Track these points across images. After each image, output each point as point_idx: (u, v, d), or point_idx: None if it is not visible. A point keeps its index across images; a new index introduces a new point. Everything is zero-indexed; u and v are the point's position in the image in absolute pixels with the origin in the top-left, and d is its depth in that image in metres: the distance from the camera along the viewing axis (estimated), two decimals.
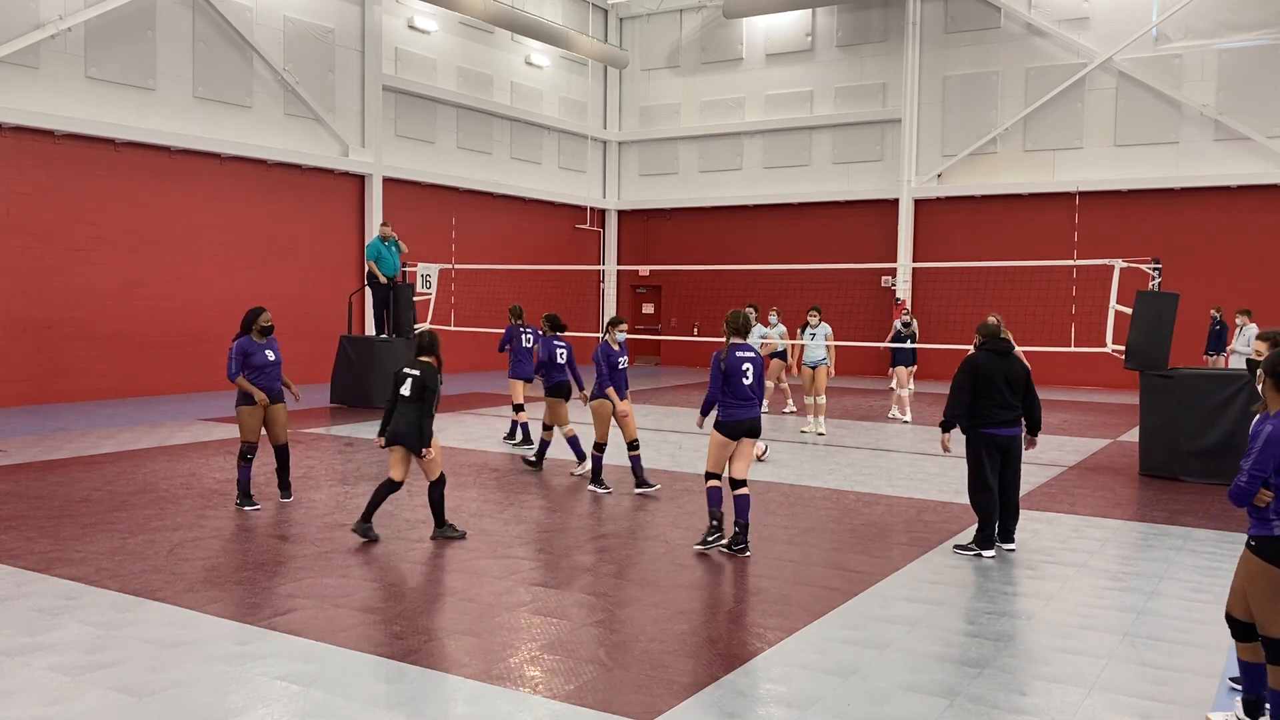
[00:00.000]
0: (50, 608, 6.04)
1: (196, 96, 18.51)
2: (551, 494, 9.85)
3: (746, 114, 27.32)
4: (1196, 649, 5.60)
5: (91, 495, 9.36)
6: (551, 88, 27.38)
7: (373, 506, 7.81)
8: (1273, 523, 4.31)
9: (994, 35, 23.82)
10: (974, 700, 4.85)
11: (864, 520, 8.85)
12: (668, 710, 4.67)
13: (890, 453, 12.90)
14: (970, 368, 7.61)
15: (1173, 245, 20.92)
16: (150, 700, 4.72)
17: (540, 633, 5.73)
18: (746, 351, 7.71)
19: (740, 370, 7.59)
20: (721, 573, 7.14)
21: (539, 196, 26.76)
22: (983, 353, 7.71)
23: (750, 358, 7.70)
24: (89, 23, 16.77)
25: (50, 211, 16.52)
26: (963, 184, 24.25)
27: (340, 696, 4.78)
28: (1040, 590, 6.76)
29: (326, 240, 21.18)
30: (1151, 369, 11.42)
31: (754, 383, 7.68)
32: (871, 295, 24.64)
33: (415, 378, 7.73)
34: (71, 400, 16.80)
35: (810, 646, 5.57)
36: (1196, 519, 9.01)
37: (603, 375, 9.70)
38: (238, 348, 8.93)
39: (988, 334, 7.88)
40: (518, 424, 13.04)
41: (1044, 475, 11.25)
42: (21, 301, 16.17)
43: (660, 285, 28.88)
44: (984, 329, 7.93)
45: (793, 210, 26.53)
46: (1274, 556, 4.31)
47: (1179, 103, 21.81)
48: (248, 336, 9.03)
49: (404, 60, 22.96)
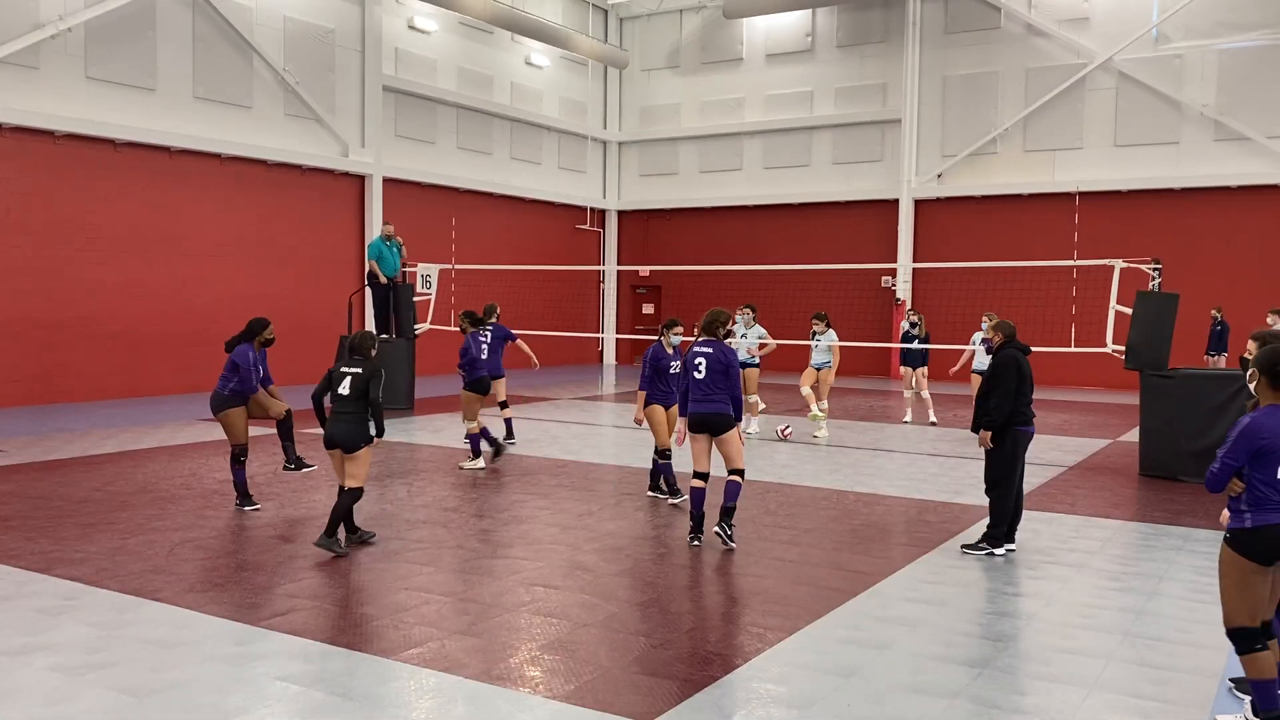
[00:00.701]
0: (50, 608, 6.04)
1: (196, 96, 18.52)
2: (551, 494, 9.85)
3: (746, 114, 27.32)
4: (1196, 649, 5.60)
5: (92, 495, 9.36)
6: (551, 88, 27.38)
7: (335, 519, 7.35)
8: (1244, 514, 4.40)
9: (994, 35, 23.83)
10: (974, 700, 4.85)
11: (864, 520, 8.85)
12: (668, 710, 4.67)
13: (890, 453, 12.90)
14: (1015, 365, 7.57)
15: (1173, 245, 20.91)
16: (150, 700, 4.71)
17: (540, 633, 5.73)
18: (705, 348, 7.82)
19: (693, 365, 7.79)
20: (721, 573, 7.14)
21: (539, 197, 26.76)
22: (1014, 350, 7.68)
23: (705, 354, 7.78)
24: (89, 23, 16.77)
25: (50, 211, 16.52)
26: (963, 184, 24.26)
27: (340, 696, 4.78)
28: (1040, 590, 6.76)
29: (326, 240, 21.18)
30: (1151, 369, 11.42)
31: (706, 377, 7.72)
32: (871, 296, 24.65)
33: (356, 375, 7.47)
34: (71, 400, 16.80)
35: (810, 646, 5.57)
36: (1196, 519, 9.00)
37: (644, 377, 9.35)
38: (254, 357, 8.89)
39: (1010, 332, 7.82)
40: (505, 421, 13.04)
41: (1044, 475, 11.25)
42: (22, 301, 16.17)
43: (660, 285, 28.88)
44: (1005, 327, 7.84)
45: (793, 210, 26.53)
46: (1242, 547, 4.39)
47: (1179, 103, 21.81)
48: (250, 344, 8.96)
49: (404, 60, 22.97)
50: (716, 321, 7.99)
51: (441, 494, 9.73)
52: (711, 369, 7.74)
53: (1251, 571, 4.37)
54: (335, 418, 7.49)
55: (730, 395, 7.75)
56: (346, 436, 7.42)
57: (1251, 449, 4.34)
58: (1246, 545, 4.37)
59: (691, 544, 7.82)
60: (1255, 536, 4.35)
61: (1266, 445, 4.31)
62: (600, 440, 13.74)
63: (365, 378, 7.49)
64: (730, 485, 7.80)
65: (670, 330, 9.39)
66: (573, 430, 14.54)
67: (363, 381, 7.48)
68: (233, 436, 8.93)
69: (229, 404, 8.89)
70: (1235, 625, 4.42)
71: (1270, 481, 4.33)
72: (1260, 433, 4.33)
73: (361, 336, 7.74)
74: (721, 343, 7.93)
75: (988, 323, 14.07)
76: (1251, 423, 4.37)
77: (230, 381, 8.87)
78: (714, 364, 7.74)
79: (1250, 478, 4.37)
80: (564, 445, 13.05)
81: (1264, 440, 4.32)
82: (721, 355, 7.79)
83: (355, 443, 7.43)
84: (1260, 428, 4.35)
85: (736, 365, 7.83)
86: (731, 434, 7.81)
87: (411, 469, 11.11)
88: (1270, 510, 4.33)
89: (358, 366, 7.56)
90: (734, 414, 7.80)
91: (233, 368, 8.85)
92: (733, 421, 7.80)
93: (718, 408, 7.74)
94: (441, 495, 9.66)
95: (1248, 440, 4.35)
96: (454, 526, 8.36)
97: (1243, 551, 4.38)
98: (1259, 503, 4.35)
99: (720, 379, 7.73)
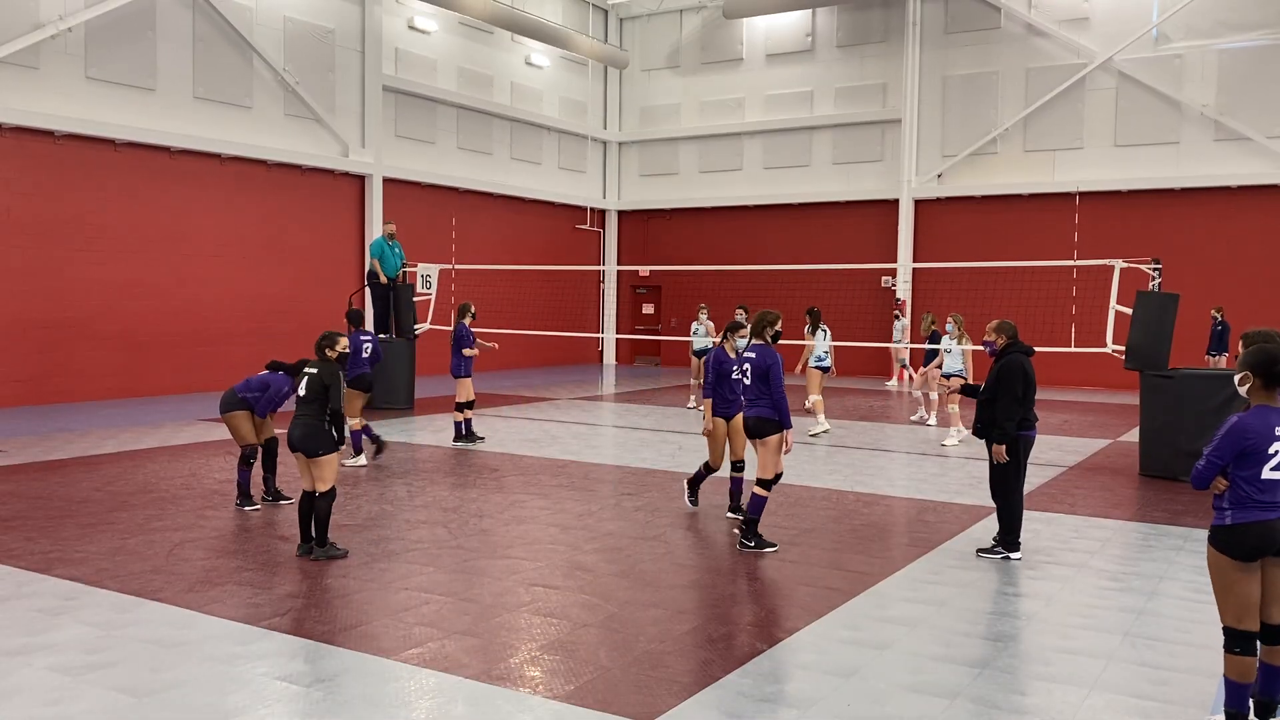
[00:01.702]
0: (50, 608, 6.04)
1: (196, 96, 18.52)
2: (551, 494, 9.85)
3: (746, 114, 27.32)
4: (1196, 649, 5.60)
5: (92, 495, 9.36)
6: (551, 88, 27.38)
7: (304, 525, 7.30)
8: (1225, 512, 4.43)
9: (994, 35, 23.82)
10: (974, 700, 4.85)
11: (864, 520, 8.85)
12: (668, 710, 4.67)
13: (890, 453, 12.90)
14: (1021, 371, 7.40)
15: (1173, 245, 20.91)
16: (150, 700, 4.71)
17: (540, 633, 5.73)
18: (750, 351, 7.81)
19: (740, 369, 7.89)
20: (721, 573, 7.14)
21: (539, 196, 26.76)
22: (1019, 355, 7.51)
23: (750, 358, 7.77)
24: (89, 23, 16.77)
25: (50, 211, 16.52)
26: (963, 184, 24.25)
27: (340, 696, 4.78)
28: (1040, 590, 6.76)
29: (326, 240, 21.18)
30: (1152, 369, 11.42)
31: (751, 382, 7.70)
32: (871, 296, 24.65)
33: (311, 376, 7.28)
34: (72, 400, 16.80)
35: (810, 646, 5.57)
36: (1196, 519, 9.00)
37: (707, 383, 8.82)
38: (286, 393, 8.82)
39: (1013, 333, 7.66)
40: (460, 423, 13.10)
41: (1044, 475, 11.25)
42: (22, 301, 16.17)
43: (660, 285, 28.87)
44: (1009, 329, 7.67)
45: (793, 210, 26.53)
46: (1222, 544, 4.42)
47: (1179, 103, 21.81)
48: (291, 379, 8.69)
49: (404, 60, 22.97)
50: (764, 322, 7.85)
51: (441, 494, 9.73)
52: (754, 373, 7.66)
53: (1233, 569, 4.40)
54: (295, 420, 7.28)
55: (773, 400, 7.56)
56: (303, 441, 7.17)
57: (1237, 448, 4.38)
58: (1226, 542, 4.41)
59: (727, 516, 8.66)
60: (1234, 533, 4.39)
61: (1252, 446, 4.35)
62: (600, 440, 13.74)
63: (319, 379, 7.24)
64: (752, 498, 7.71)
65: (735, 334, 8.80)
66: (573, 430, 14.55)
67: (318, 383, 7.22)
68: (238, 438, 8.97)
69: (237, 407, 8.94)
70: (1223, 624, 4.48)
71: (1253, 480, 4.37)
72: (1246, 433, 4.37)
73: (322, 336, 7.50)
74: (766, 346, 7.78)
75: (954, 325, 13.93)
76: (1239, 422, 4.40)
77: (249, 392, 8.91)
78: (756, 368, 7.66)
79: (1234, 476, 4.41)
80: (564, 445, 13.05)
81: (1249, 440, 4.36)
82: (763, 359, 7.64)
83: (313, 447, 7.16)
84: (1247, 428, 4.38)
85: (778, 369, 7.63)
86: (771, 440, 7.64)
87: (411, 469, 11.11)
88: (1251, 508, 4.36)
89: (316, 367, 7.33)
90: (781, 420, 7.59)
91: (263, 387, 8.85)
92: (776, 427, 7.60)
93: (760, 412, 7.65)
94: (441, 495, 9.66)
95: (1233, 440, 4.39)
96: (454, 526, 8.36)
97: (1223, 549, 4.42)
98: (1240, 501, 4.39)
99: (761, 384, 7.61)
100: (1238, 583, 4.40)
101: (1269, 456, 4.35)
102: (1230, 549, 4.40)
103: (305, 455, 7.23)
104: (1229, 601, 4.42)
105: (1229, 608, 4.43)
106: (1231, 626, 4.41)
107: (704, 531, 8.35)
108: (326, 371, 7.31)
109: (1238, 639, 4.39)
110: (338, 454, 7.32)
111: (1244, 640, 4.38)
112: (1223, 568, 4.43)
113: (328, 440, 7.22)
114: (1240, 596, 4.39)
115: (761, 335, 7.85)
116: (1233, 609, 4.42)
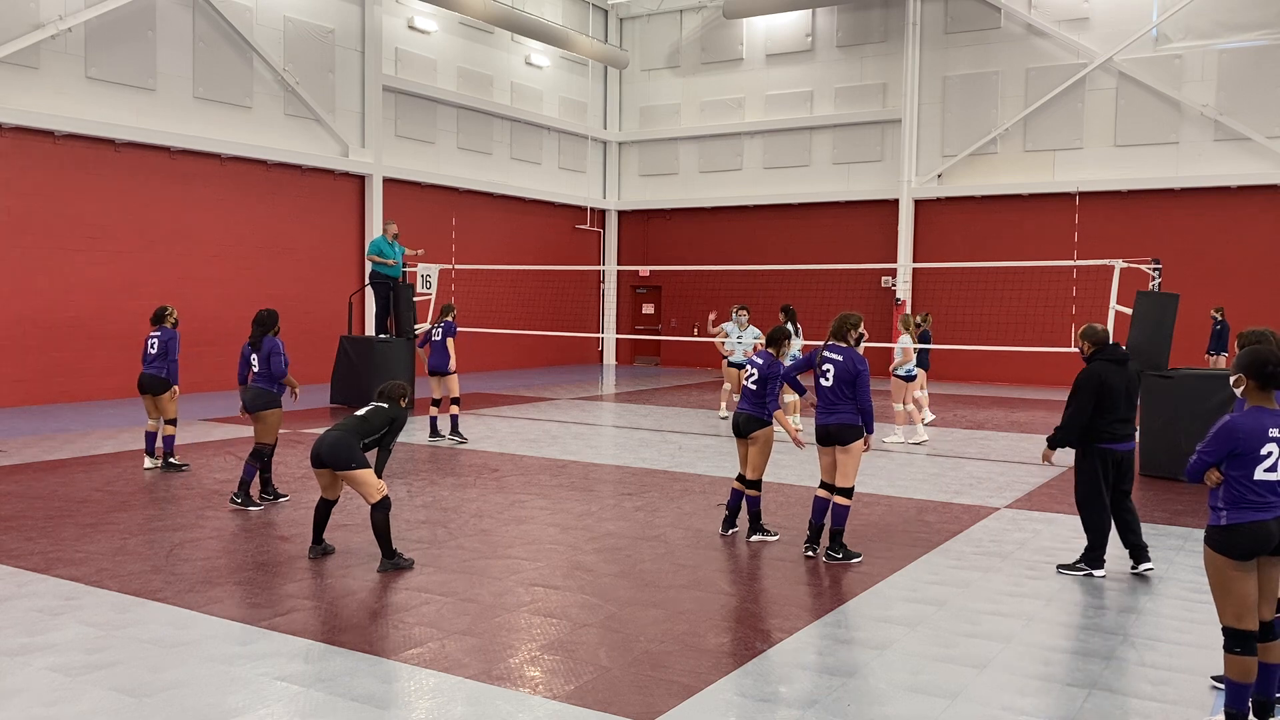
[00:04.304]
0: (50, 608, 6.04)
1: (196, 97, 18.52)
2: (551, 494, 9.85)
3: (746, 114, 27.32)
4: (1196, 649, 5.60)
5: (92, 495, 9.36)
6: (551, 88, 27.38)
7: (384, 539, 7.06)
8: (1221, 513, 4.45)
9: (994, 35, 23.82)
10: (974, 700, 4.85)
11: (864, 520, 8.85)
12: (668, 710, 4.67)
13: (890, 453, 12.90)
14: (1095, 381, 6.91)
15: (1173, 245, 20.93)
16: (150, 700, 4.72)
17: (540, 633, 5.73)
18: (835, 354, 7.43)
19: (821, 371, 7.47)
20: (721, 573, 7.14)
21: (539, 197, 26.76)
22: (1101, 363, 7.02)
23: (835, 361, 7.40)
24: (89, 23, 16.77)
25: (50, 211, 16.52)
26: (963, 184, 24.26)
27: (340, 696, 4.78)
28: (1040, 590, 6.76)
29: (326, 240, 21.18)
30: (1152, 369, 11.42)
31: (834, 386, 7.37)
32: (871, 296, 24.65)
33: (381, 410, 7.29)
34: (72, 400, 16.80)
35: (810, 646, 5.57)
36: (1196, 519, 9.00)
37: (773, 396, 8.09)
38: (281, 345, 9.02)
39: (1100, 340, 7.13)
40: (436, 419, 13.37)
41: (1044, 475, 11.25)
42: (22, 301, 16.17)
43: (660, 285, 28.88)
44: (1094, 335, 7.15)
45: (793, 211, 26.53)
46: (1218, 544, 4.44)
47: (1179, 103, 21.81)
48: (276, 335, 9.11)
49: (404, 60, 22.97)
50: (846, 324, 7.51)
51: (441, 494, 9.73)
52: (839, 378, 7.32)
53: (1229, 568, 4.42)
54: (327, 432, 7.14)
55: (859, 407, 7.33)
56: (332, 451, 6.96)
57: (1227, 449, 4.41)
58: (1222, 543, 4.43)
59: (806, 554, 7.51)
60: (1230, 534, 4.41)
61: (1242, 448, 4.38)
62: (600, 440, 13.74)
63: (388, 415, 7.23)
64: (835, 509, 7.43)
65: (787, 342, 8.19)
66: (573, 430, 14.55)
67: (384, 417, 7.20)
68: (269, 436, 9.01)
69: (275, 403, 9.00)
70: (1222, 624, 4.49)
71: (1247, 480, 4.38)
72: (1236, 434, 4.39)
73: (396, 385, 7.48)
74: (853, 349, 7.45)
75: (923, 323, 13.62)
76: (1230, 422, 4.42)
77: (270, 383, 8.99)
78: (842, 372, 7.33)
79: (1228, 476, 4.43)
80: (564, 445, 13.06)
81: (1240, 441, 4.38)
82: (851, 364, 7.33)
83: (345, 459, 6.95)
84: (1237, 429, 4.40)
85: (866, 375, 7.33)
86: (853, 447, 7.38)
87: (411, 469, 11.11)
88: (1245, 508, 4.38)
89: (386, 401, 7.35)
90: (865, 426, 7.38)
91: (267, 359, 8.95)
92: (859, 433, 7.37)
93: (843, 419, 7.34)
94: (441, 495, 9.66)
95: (1223, 440, 4.42)
96: (454, 526, 8.36)
97: (1219, 549, 4.44)
98: (1235, 501, 4.40)
99: (847, 389, 7.31)
100: (1235, 582, 4.41)
101: (1261, 458, 4.36)
102: (1226, 549, 4.41)
103: (335, 469, 7.02)
104: (1228, 601, 4.44)
105: (1228, 607, 4.45)
106: (1231, 626, 4.43)
107: (704, 532, 8.34)
108: (397, 413, 7.31)
109: (1238, 639, 4.40)
110: (370, 469, 7.09)
111: (1244, 640, 4.39)
112: (1220, 568, 4.45)
113: (359, 455, 7.03)
114: (1238, 596, 4.41)
115: (844, 338, 7.49)
116: (1232, 609, 4.43)
